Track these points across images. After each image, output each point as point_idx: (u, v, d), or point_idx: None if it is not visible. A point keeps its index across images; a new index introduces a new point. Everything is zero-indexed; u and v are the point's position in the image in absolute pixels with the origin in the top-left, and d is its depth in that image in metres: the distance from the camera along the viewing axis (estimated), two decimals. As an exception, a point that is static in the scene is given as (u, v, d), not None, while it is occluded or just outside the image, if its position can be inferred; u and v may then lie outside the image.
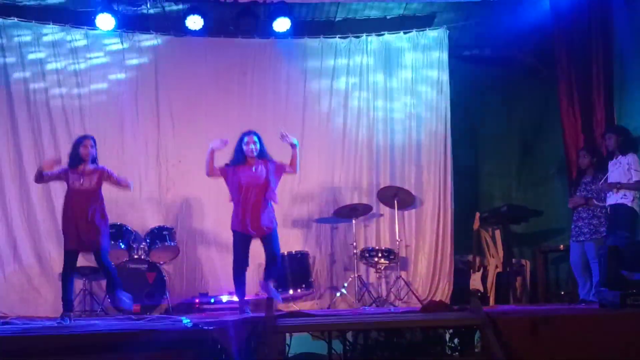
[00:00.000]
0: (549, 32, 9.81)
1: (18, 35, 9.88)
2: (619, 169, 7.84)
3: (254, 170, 7.84)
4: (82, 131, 9.89)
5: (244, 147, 7.86)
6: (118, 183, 7.77)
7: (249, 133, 7.94)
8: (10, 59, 9.83)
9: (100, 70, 10.22)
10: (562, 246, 9.67)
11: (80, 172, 7.56)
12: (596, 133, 8.99)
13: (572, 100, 9.36)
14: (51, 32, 10.02)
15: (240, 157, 7.89)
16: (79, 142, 7.67)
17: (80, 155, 7.58)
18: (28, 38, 9.93)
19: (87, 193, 7.51)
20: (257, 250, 7.98)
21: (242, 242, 7.80)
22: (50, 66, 10.00)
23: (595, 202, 8.16)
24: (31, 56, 9.93)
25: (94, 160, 7.70)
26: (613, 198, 7.82)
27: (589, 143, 8.94)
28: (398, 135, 10.65)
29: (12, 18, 9.81)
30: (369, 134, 10.64)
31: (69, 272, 7.44)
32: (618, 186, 7.73)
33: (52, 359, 4.62)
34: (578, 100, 9.30)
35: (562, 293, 10.00)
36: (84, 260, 9.49)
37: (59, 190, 9.57)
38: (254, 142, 7.86)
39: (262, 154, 7.95)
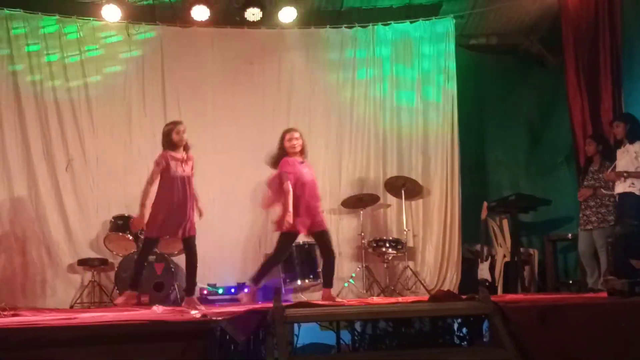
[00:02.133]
0: (555, 20, 9.77)
1: (24, 27, 9.89)
2: (627, 157, 7.81)
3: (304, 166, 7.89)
4: (90, 123, 9.97)
5: (286, 144, 7.81)
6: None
7: (291, 130, 7.94)
8: (16, 51, 9.84)
9: (106, 62, 10.23)
10: (570, 235, 9.66)
11: (180, 159, 7.53)
12: (603, 121, 8.96)
13: (579, 88, 9.34)
14: (58, 24, 10.02)
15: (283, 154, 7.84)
16: (170, 129, 7.57)
17: (174, 141, 7.53)
18: (34, 29, 9.93)
19: (186, 180, 7.53)
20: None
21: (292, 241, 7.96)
22: (56, 58, 10.01)
23: (603, 191, 8.14)
24: (37, 48, 9.94)
25: (187, 148, 7.68)
26: (621, 186, 7.78)
27: (596, 131, 8.92)
28: (405, 124, 10.63)
29: (17, 10, 9.82)
30: (375, 123, 10.63)
31: (147, 258, 7.71)
32: (625, 175, 7.69)
33: (61, 349, 4.64)
34: (585, 88, 9.28)
35: (571, 282, 9.98)
36: (91, 252, 9.59)
37: (67, 183, 9.68)
38: (297, 138, 7.82)
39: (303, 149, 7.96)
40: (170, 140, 7.53)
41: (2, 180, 9.56)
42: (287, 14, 10.11)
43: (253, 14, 10.05)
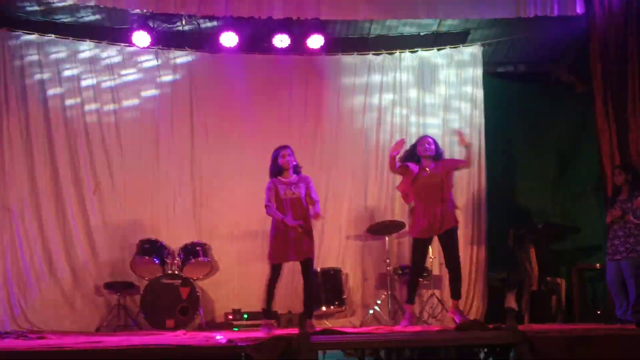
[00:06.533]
0: (584, 48, 9.72)
1: (54, 52, 10.01)
2: (658, 186, 7.74)
3: (428, 171, 8.11)
4: (118, 147, 10.05)
5: (419, 148, 8.13)
6: (312, 200, 7.89)
7: (425, 136, 8.39)
8: (47, 76, 9.94)
9: (135, 87, 10.32)
10: (598, 265, 9.56)
11: (286, 183, 7.81)
12: (631, 150, 8.88)
13: (607, 116, 9.25)
14: (87, 49, 10.15)
15: (414, 158, 8.18)
16: (276, 154, 7.87)
17: (280, 165, 7.82)
18: (64, 55, 10.05)
19: (296, 202, 7.75)
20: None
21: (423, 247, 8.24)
22: (86, 83, 10.12)
23: (632, 218, 8.05)
24: (67, 73, 10.06)
25: (296, 170, 7.94)
26: (651, 216, 7.72)
27: (623, 160, 8.84)
28: (432, 152, 10.59)
29: (49, 35, 9.95)
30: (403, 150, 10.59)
31: (275, 283, 7.85)
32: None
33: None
34: (614, 116, 9.19)
35: (599, 312, 9.86)
36: (116, 275, 9.61)
37: (95, 205, 9.76)
38: (429, 143, 8.12)
39: (438, 155, 8.23)
40: (276, 165, 7.88)
41: (30, 204, 9.63)
42: (315, 41, 10.15)
43: (281, 41, 10.12)
